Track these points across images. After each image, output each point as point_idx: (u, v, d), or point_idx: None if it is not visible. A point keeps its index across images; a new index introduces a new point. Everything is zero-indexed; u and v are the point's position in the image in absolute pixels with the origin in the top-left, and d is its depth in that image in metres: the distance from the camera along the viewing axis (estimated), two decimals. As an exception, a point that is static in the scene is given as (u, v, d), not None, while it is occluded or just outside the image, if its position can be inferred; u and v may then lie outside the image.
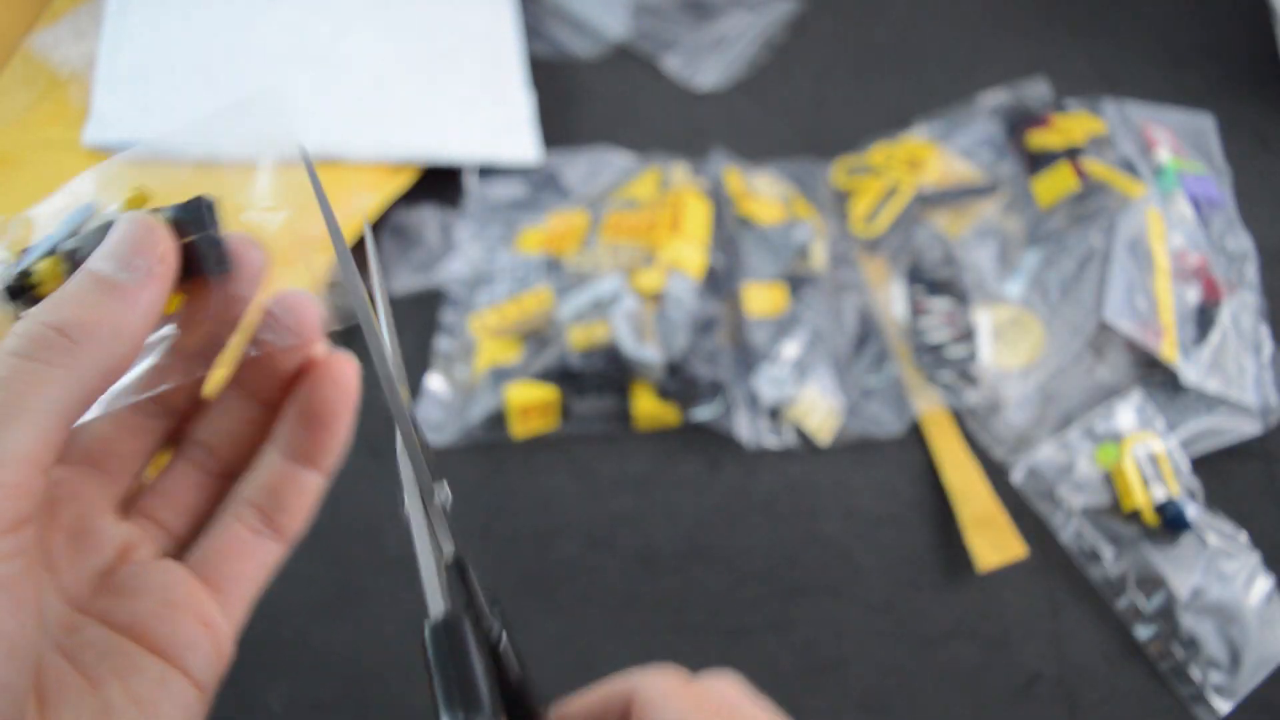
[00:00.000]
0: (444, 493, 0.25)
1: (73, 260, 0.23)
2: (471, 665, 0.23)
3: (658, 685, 0.26)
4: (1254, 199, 0.61)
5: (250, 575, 0.26)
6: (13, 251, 0.24)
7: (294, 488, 0.26)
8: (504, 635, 0.25)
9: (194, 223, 0.23)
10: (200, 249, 0.23)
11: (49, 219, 0.25)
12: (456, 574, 0.25)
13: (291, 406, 0.26)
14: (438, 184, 0.60)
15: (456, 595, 0.24)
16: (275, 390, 0.27)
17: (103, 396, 0.22)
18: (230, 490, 0.27)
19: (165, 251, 0.22)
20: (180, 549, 0.27)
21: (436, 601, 0.24)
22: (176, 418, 0.27)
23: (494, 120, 0.63)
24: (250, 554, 0.26)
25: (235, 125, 0.26)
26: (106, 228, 0.23)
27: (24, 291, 0.23)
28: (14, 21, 0.58)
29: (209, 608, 0.25)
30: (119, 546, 0.25)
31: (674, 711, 0.25)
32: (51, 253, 0.24)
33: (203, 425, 0.28)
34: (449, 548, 0.25)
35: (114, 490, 0.25)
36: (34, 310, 0.21)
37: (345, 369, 0.27)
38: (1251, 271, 0.53)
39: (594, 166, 0.62)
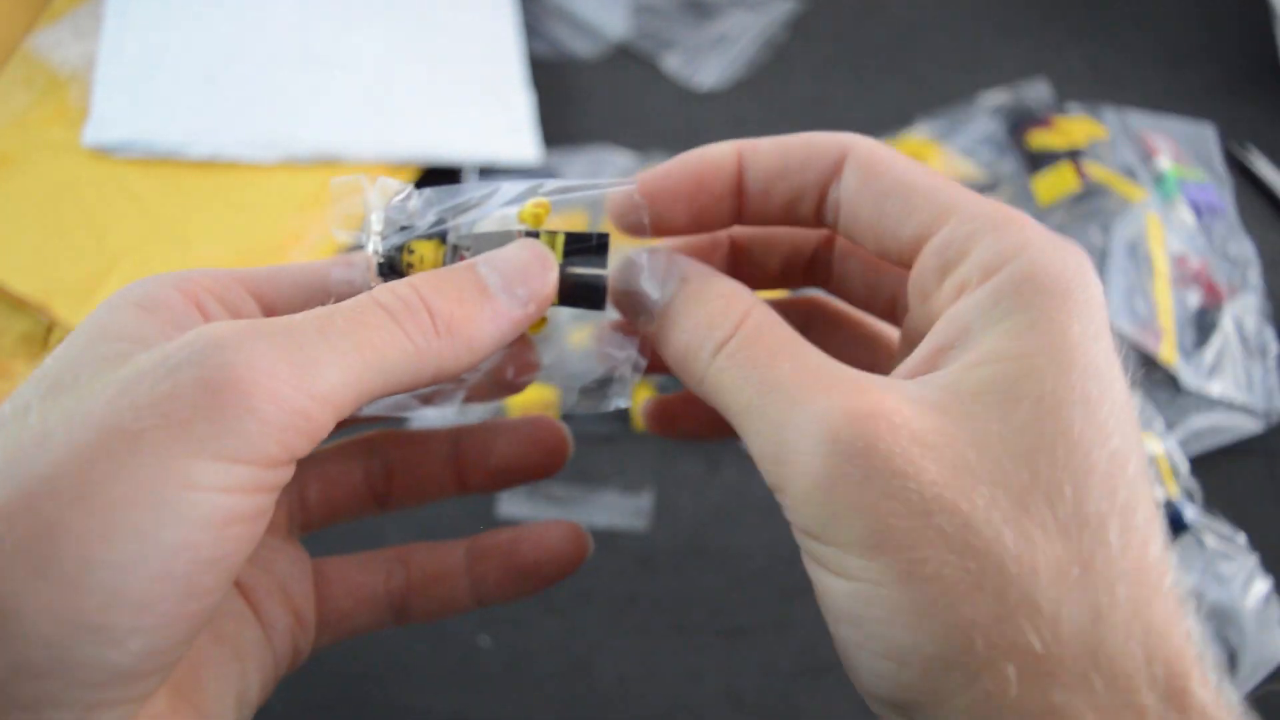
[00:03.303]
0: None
1: (456, 252, 0.23)
2: None
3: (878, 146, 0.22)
4: (1254, 200, 0.61)
5: (352, 624, 0.26)
6: (386, 226, 0.24)
7: (448, 602, 0.27)
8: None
9: (586, 255, 0.23)
10: (584, 284, 0.23)
11: (428, 200, 0.24)
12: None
13: (507, 539, 0.27)
14: (437, 184, 0.60)
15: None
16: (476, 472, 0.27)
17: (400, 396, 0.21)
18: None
19: (548, 291, 0.22)
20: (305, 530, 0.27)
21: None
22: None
23: (494, 120, 0.63)
24: (367, 602, 0.26)
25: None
26: (499, 236, 0.23)
27: (396, 266, 0.23)
28: (14, 21, 0.58)
29: (308, 608, 0.25)
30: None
31: (901, 166, 0.21)
32: (438, 238, 0.23)
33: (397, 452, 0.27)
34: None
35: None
36: (418, 278, 0.20)
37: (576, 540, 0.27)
38: (1254, 275, 0.53)
39: (594, 166, 0.62)
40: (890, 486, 0.17)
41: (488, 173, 0.62)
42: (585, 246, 0.23)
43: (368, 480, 0.27)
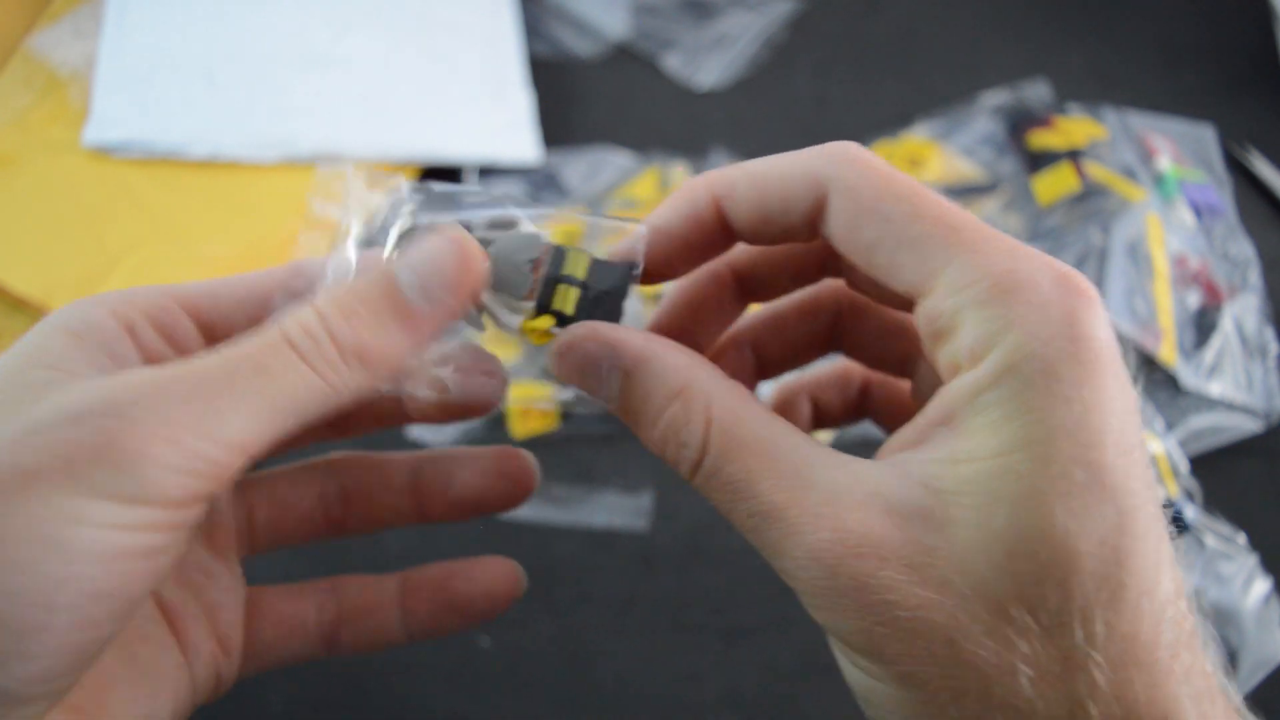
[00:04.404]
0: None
1: (586, 296, 0.22)
2: None
3: (861, 171, 0.21)
4: (1254, 200, 0.61)
5: (278, 654, 0.26)
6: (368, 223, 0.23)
7: (378, 635, 0.27)
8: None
9: (611, 280, 0.23)
10: (601, 309, 0.23)
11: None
12: None
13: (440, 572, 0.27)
14: (438, 184, 0.60)
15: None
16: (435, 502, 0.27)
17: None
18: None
19: (474, 288, 0.21)
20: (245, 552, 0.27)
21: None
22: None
23: (494, 120, 0.63)
24: (298, 632, 0.26)
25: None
26: (526, 239, 0.22)
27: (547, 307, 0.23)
28: (14, 21, 0.58)
29: (236, 636, 0.25)
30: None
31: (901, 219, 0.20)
32: (565, 282, 0.23)
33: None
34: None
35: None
36: (327, 304, 0.20)
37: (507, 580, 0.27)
38: (1254, 276, 0.53)
39: (594, 166, 0.62)
40: (882, 614, 0.18)
41: (488, 173, 0.62)
42: (615, 276, 0.23)
43: (322, 504, 0.27)
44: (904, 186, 0.20)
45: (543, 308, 0.23)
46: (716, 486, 0.21)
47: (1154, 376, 0.50)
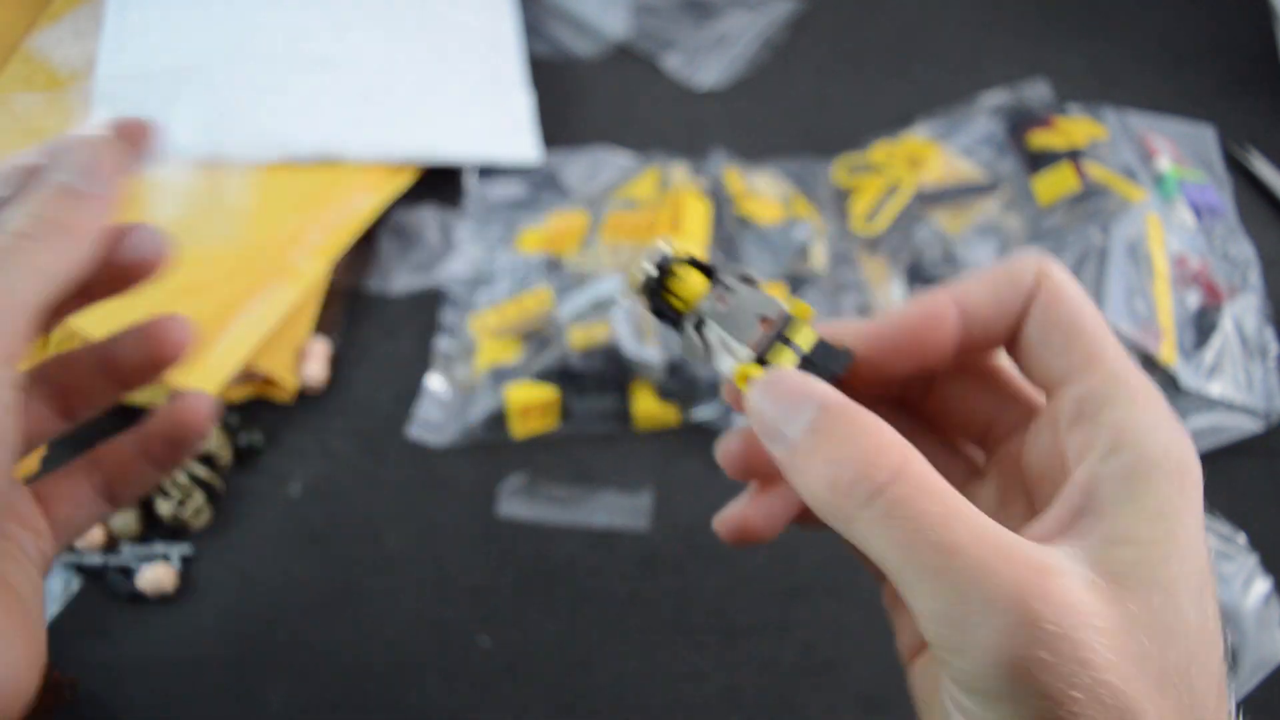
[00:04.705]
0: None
1: (716, 294, 0.25)
2: None
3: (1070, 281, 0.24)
4: (1254, 200, 0.61)
5: (78, 521, 0.30)
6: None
7: (139, 478, 0.30)
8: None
9: (829, 360, 0.24)
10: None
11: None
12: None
13: (157, 421, 0.30)
14: (438, 184, 0.60)
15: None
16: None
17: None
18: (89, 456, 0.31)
19: (119, 179, 0.27)
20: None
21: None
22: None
23: (494, 120, 0.63)
24: (84, 502, 0.30)
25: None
26: (759, 297, 0.25)
27: (661, 275, 0.25)
28: (14, 21, 0.58)
29: (40, 522, 0.29)
30: None
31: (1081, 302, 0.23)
32: (706, 273, 0.25)
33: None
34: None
35: None
36: (16, 213, 0.25)
37: (199, 409, 0.30)
38: (1254, 276, 0.53)
39: (594, 166, 0.62)
40: (1074, 675, 0.18)
41: (488, 172, 0.62)
42: (830, 355, 0.24)
43: (50, 405, 0.30)
44: (1088, 298, 0.24)
45: (760, 360, 0.24)
46: (899, 514, 0.20)
47: (1154, 376, 0.50)
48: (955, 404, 0.27)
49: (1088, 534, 0.20)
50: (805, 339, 0.24)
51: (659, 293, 0.25)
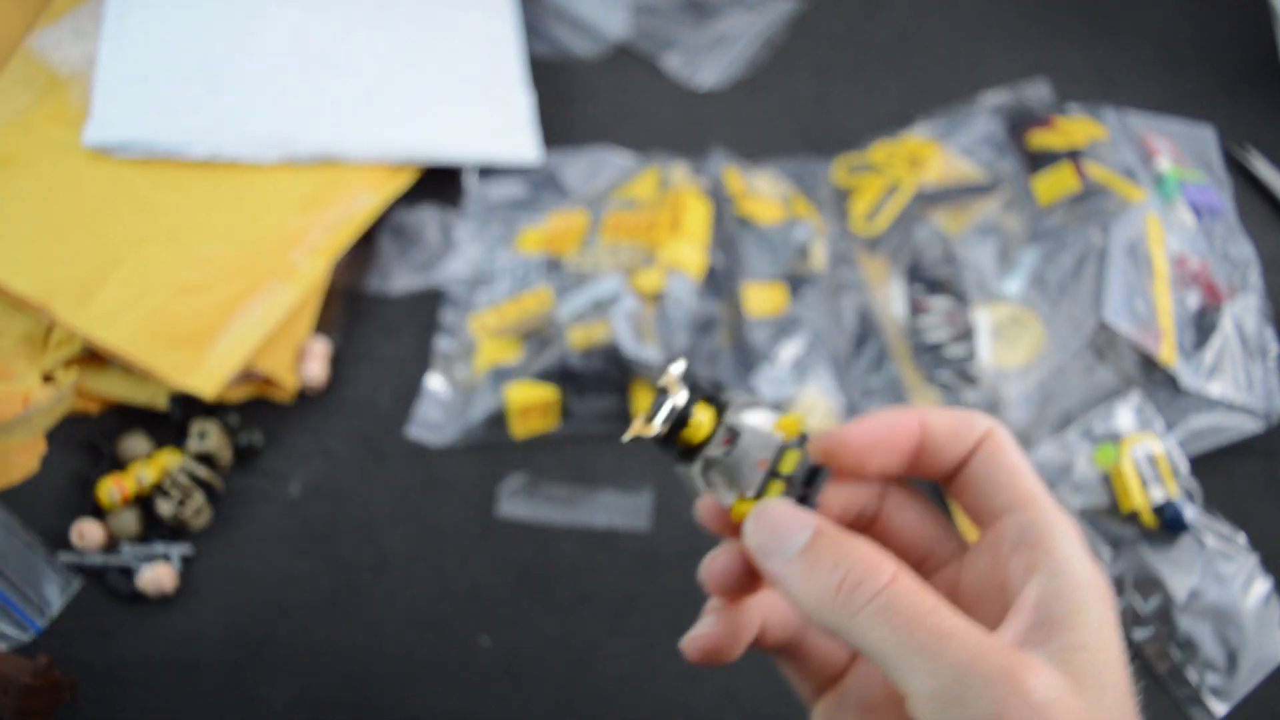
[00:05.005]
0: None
1: (724, 428, 0.27)
2: None
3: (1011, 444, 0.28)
4: (1254, 201, 0.61)
5: None
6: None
7: None
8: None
9: (809, 475, 0.27)
10: (792, 493, 0.27)
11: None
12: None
13: None
14: (438, 184, 0.60)
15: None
16: None
17: None
18: None
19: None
20: None
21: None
22: None
23: (494, 120, 0.63)
24: None
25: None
26: (762, 436, 0.27)
27: (683, 418, 0.27)
28: (14, 21, 0.58)
29: None
30: None
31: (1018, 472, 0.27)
32: (717, 408, 0.28)
33: None
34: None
35: None
36: None
37: None
38: (1254, 276, 0.53)
39: (594, 166, 0.62)
40: None
41: (488, 172, 0.62)
42: (810, 472, 0.27)
43: None
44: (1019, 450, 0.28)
45: (757, 496, 0.27)
46: (899, 607, 0.23)
47: (1154, 377, 0.50)
48: (901, 535, 0.30)
49: (1046, 642, 0.23)
50: (791, 463, 0.27)
51: (669, 437, 0.27)
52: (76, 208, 0.53)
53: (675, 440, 0.27)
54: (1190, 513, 0.46)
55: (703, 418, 0.27)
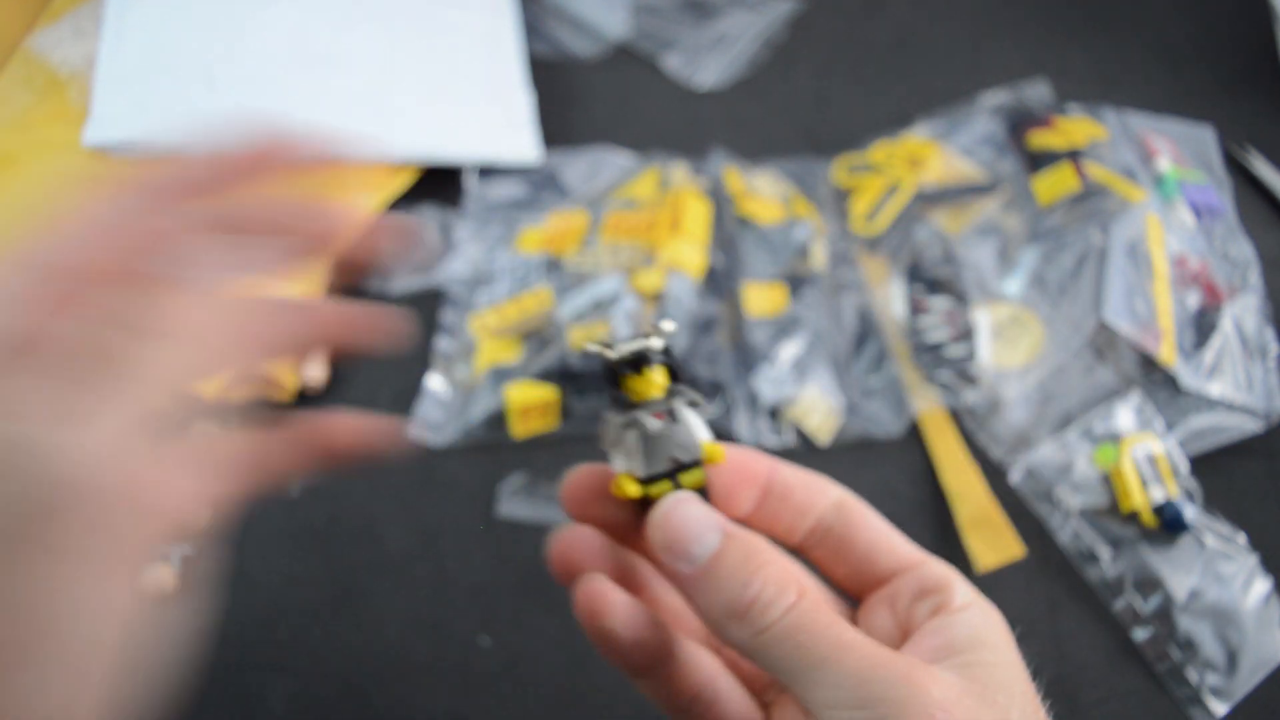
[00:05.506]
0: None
1: (671, 412, 0.27)
2: None
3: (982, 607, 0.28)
4: (1254, 201, 0.61)
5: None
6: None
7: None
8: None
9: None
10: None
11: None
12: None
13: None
14: (438, 184, 0.60)
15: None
16: None
17: None
18: None
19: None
20: None
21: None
22: None
23: (494, 120, 0.63)
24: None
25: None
26: (685, 434, 0.27)
27: (632, 364, 0.27)
28: (14, 21, 0.58)
29: None
30: None
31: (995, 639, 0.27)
32: (669, 373, 0.27)
33: None
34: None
35: None
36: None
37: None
38: (1254, 276, 0.53)
39: (594, 166, 0.62)
40: None
41: (488, 172, 0.62)
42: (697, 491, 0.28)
43: None
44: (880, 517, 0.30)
45: (646, 483, 0.27)
46: (806, 622, 0.24)
47: (1154, 377, 0.50)
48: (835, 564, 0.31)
49: (947, 659, 0.24)
50: (693, 480, 0.27)
51: (619, 373, 0.27)
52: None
53: (622, 383, 0.27)
54: (1190, 513, 0.46)
55: (658, 379, 0.27)
